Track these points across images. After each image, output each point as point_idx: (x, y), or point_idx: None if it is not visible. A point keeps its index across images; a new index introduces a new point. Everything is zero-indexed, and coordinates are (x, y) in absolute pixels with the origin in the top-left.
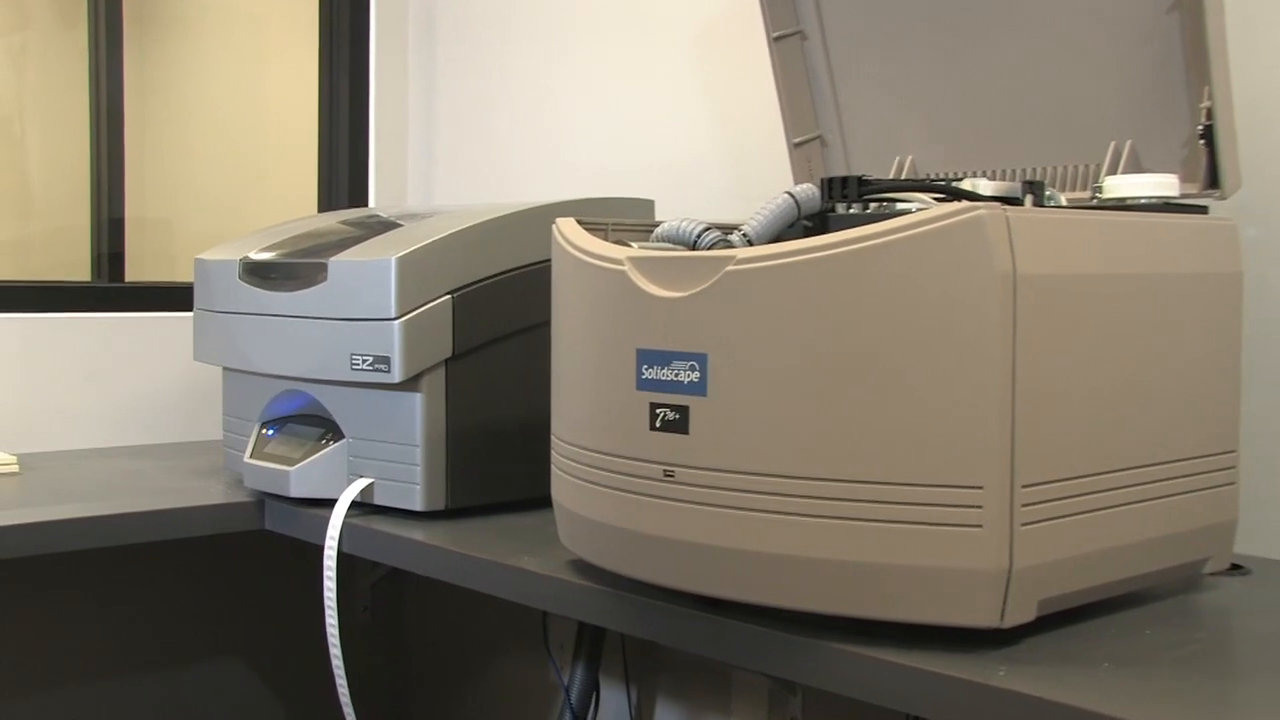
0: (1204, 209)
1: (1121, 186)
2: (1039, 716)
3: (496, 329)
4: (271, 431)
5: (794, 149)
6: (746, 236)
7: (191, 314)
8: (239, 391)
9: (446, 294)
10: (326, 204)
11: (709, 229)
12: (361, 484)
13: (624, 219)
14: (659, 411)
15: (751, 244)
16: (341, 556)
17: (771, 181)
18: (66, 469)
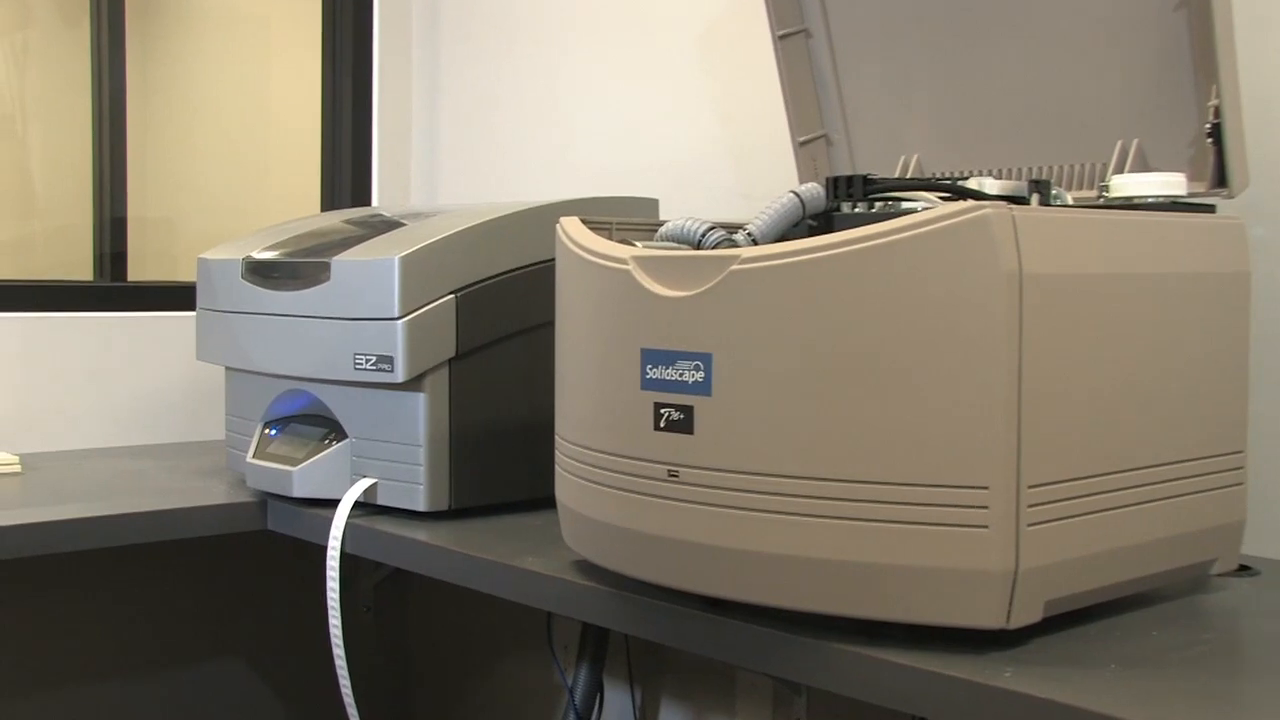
0: (1211, 208)
1: (1128, 185)
2: (1045, 718)
3: (500, 328)
4: (274, 431)
5: (799, 148)
6: (751, 236)
7: (194, 313)
8: (242, 391)
9: (450, 293)
10: (329, 203)
11: (713, 228)
12: (364, 484)
13: (628, 218)
14: (663, 411)
15: (756, 243)
16: (344, 557)
17: (776, 181)
18: (68, 469)
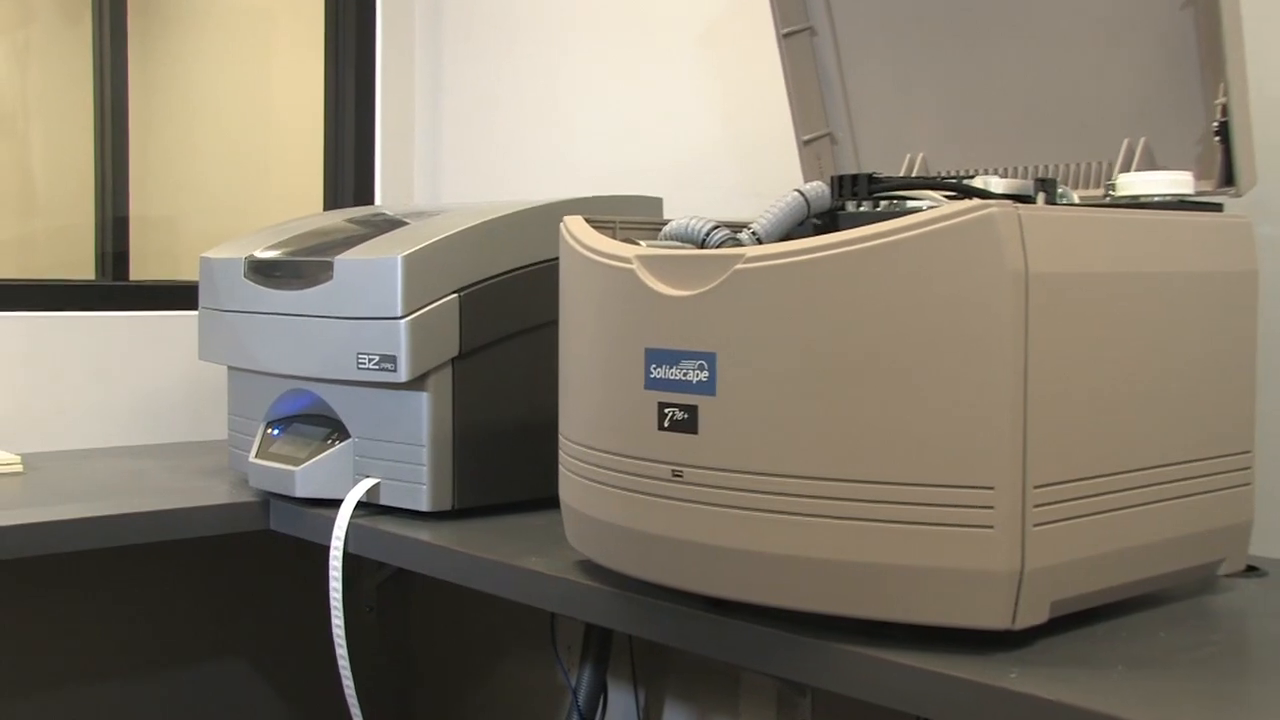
0: (1219, 206)
1: (1135, 184)
2: (1051, 719)
3: (503, 328)
4: (277, 431)
5: (803, 146)
6: (756, 235)
7: (196, 313)
8: (244, 391)
9: (453, 292)
10: (332, 202)
11: (718, 227)
12: (367, 484)
13: (632, 217)
14: (667, 411)
15: (761, 242)
16: (347, 557)
17: (781, 179)
18: (70, 468)
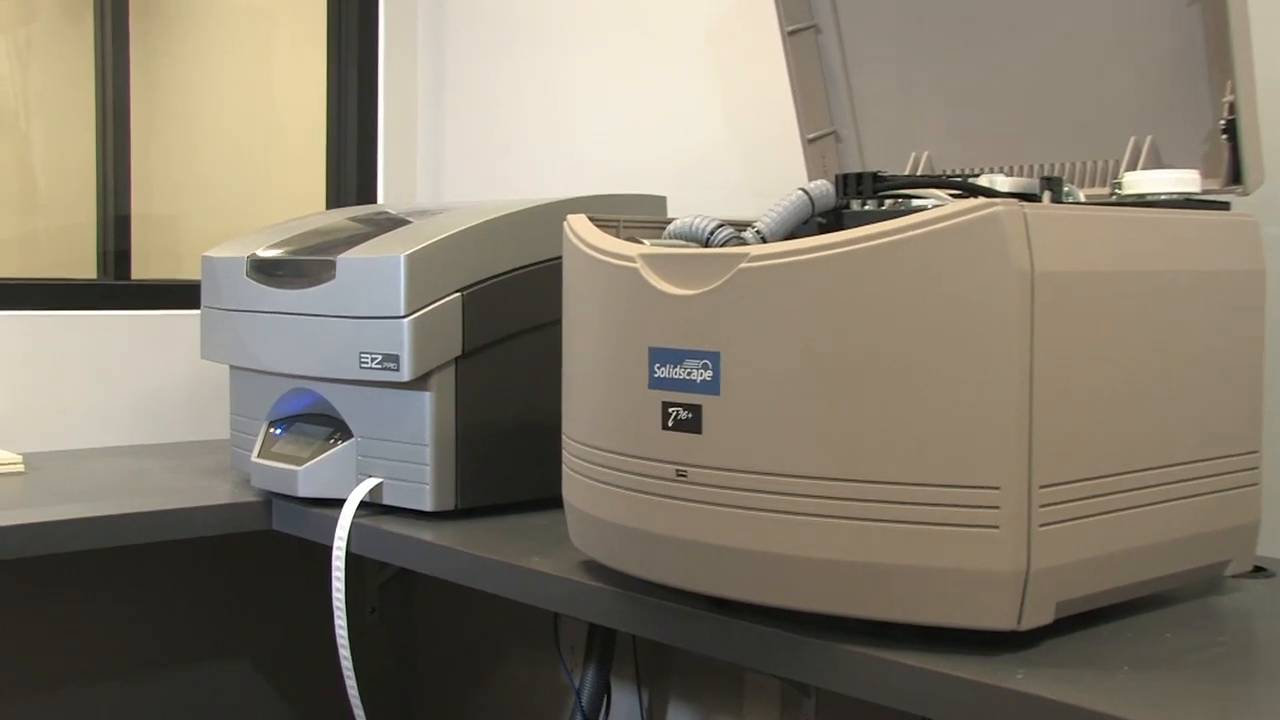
0: (1226, 205)
1: (1141, 182)
2: None
3: (507, 327)
4: (279, 430)
5: (808, 144)
6: (760, 233)
7: (198, 312)
8: (246, 390)
9: (456, 291)
10: (335, 201)
11: (722, 226)
12: (370, 484)
13: (636, 216)
14: (671, 410)
15: (765, 241)
16: (349, 557)
17: (785, 178)
18: (71, 468)
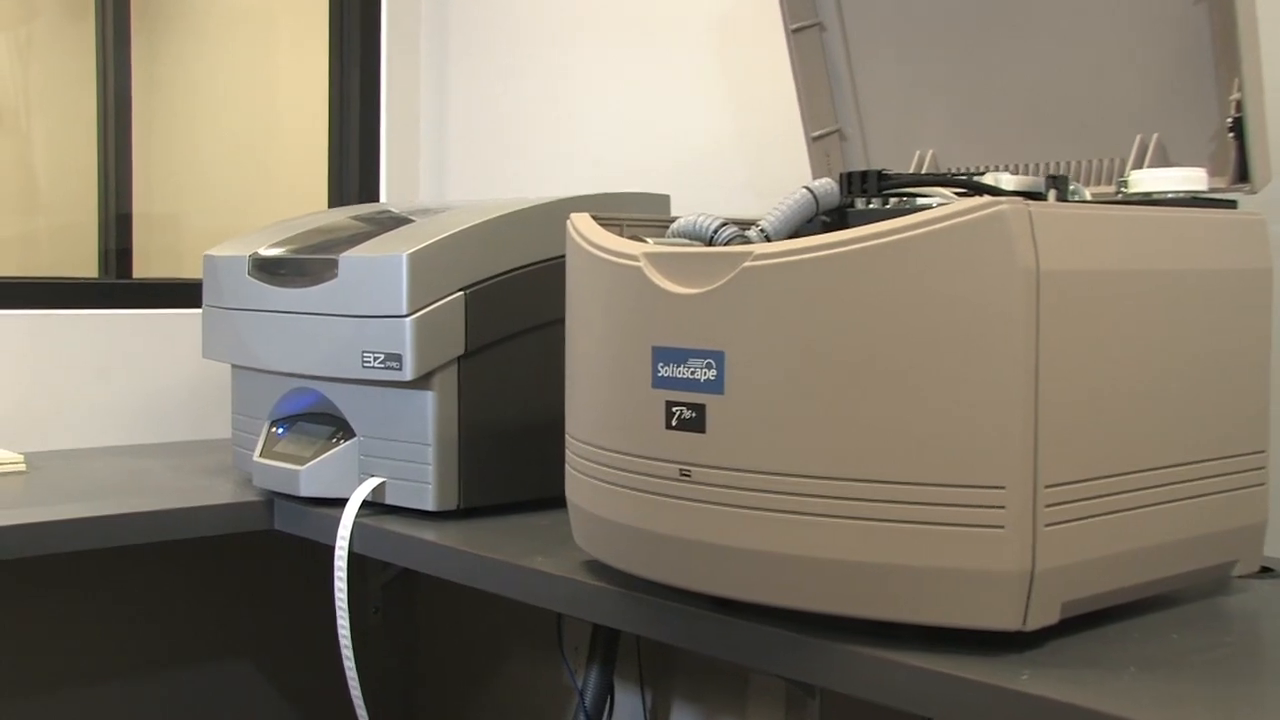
0: (1233, 203)
1: (1147, 181)
2: None
3: (510, 326)
4: (281, 430)
5: (812, 143)
6: (764, 232)
7: (200, 311)
8: (248, 389)
9: (459, 290)
10: (337, 199)
11: (726, 224)
12: (372, 483)
13: (639, 214)
14: (675, 410)
15: (769, 240)
16: (352, 557)
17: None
18: (73, 468)
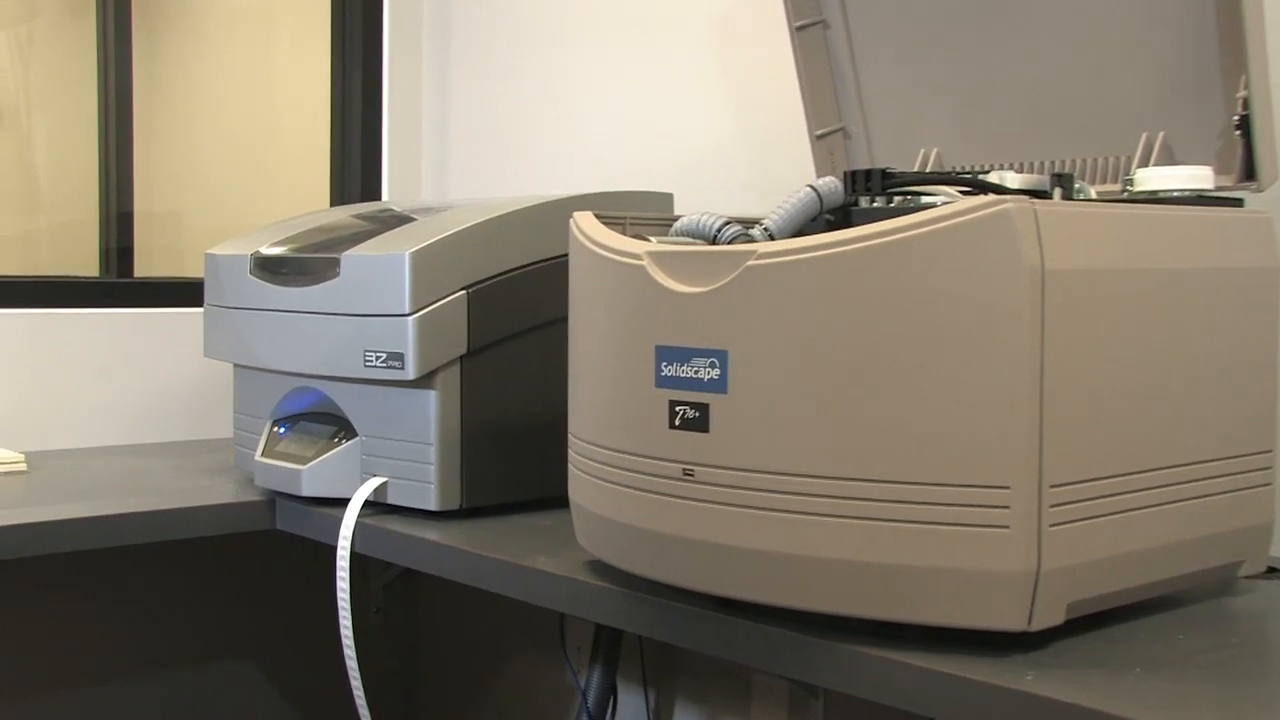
0: (1239, 202)
1: (1153, 179)
2: None
3: (512, 325)
4: (283, 429)
5: (816, 141)
6: (768, 231)
7: (201, 310)
8: (250, 389)
9: (461, 289)
10: (339, 198)
11: (729, 223)
12: (375, 483)
13: (642, 213)
14: (678, 409)
15: (773, 238)
16: (354, 557)
17: (793, 175)
18: (74, 467)
